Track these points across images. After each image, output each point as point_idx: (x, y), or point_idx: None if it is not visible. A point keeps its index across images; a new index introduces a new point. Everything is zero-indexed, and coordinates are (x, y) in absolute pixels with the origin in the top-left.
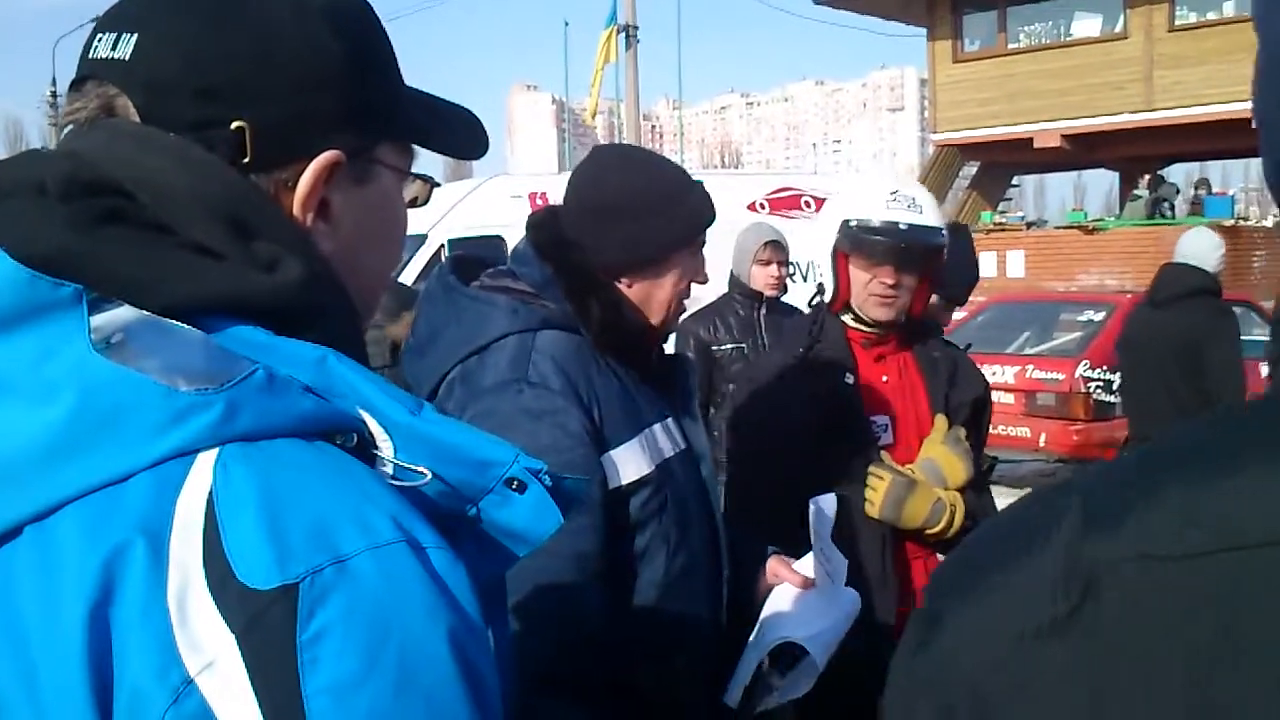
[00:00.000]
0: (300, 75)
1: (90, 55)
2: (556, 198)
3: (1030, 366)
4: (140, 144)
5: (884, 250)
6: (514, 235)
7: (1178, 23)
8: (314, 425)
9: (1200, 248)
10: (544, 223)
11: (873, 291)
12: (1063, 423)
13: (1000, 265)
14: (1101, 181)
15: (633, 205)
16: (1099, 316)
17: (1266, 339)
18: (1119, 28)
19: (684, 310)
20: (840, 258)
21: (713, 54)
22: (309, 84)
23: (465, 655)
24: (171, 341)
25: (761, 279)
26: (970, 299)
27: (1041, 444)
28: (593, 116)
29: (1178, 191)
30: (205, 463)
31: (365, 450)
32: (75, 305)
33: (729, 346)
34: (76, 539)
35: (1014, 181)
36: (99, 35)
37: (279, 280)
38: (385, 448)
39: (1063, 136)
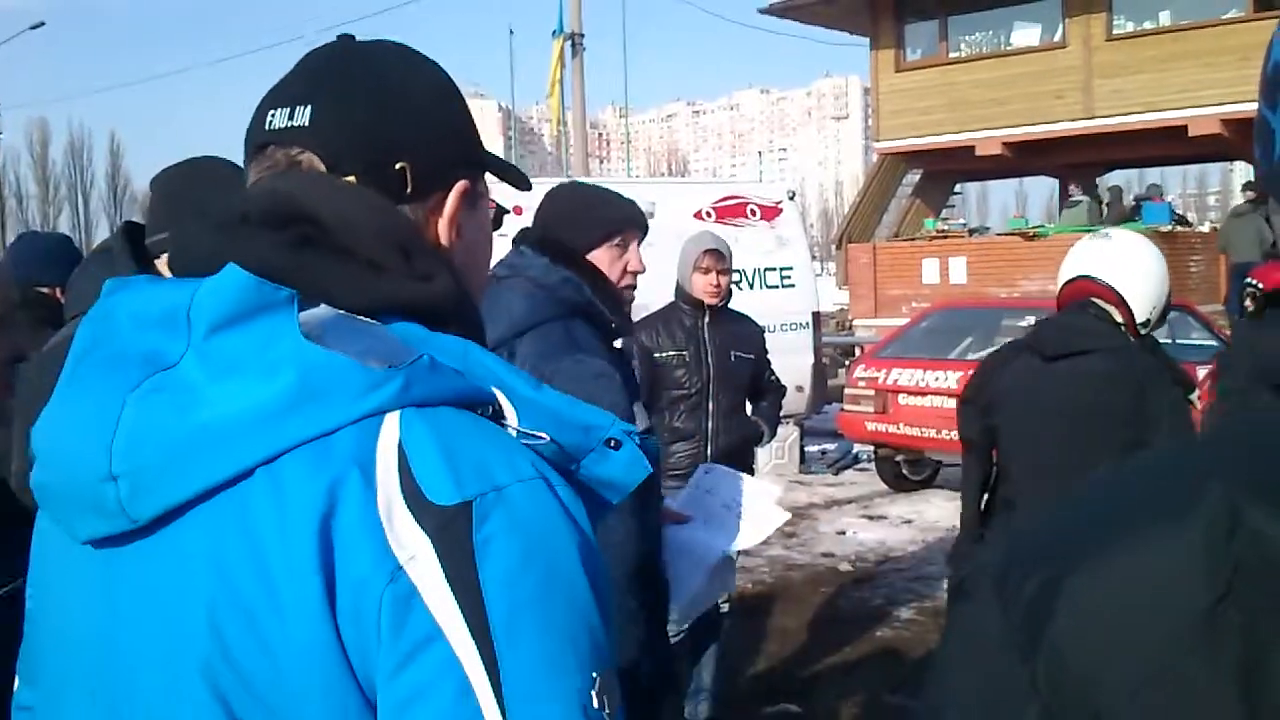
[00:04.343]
0: (439, 126)
1: (267, 127)
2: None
3: (974, 372)
4: (326, 186)
5: None
6: None
7: (1115, 32)
8: (463, 398)
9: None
10: (543, 238)
11: None
12: None
13: (943, 272)
14: (1043, 188)
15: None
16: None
17: (1204, 342)
18: (1058, 37)
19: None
20: None
21: (659, 62)
22: (444, 133)
23: (588, 562)
24: (360, 333)
25: (701, 287)
26: (912, 305)
27: None
28: (556, 127)
29: (1120, 196)
30: (392, 420)
31: (498, 419)
32: (289, 305)
33: (670, 353)
34: (303, 473)
35: (956, 189)
36: (271, 111)
37: (433, 289)
38: (511, 417)
39: (1004, 144)
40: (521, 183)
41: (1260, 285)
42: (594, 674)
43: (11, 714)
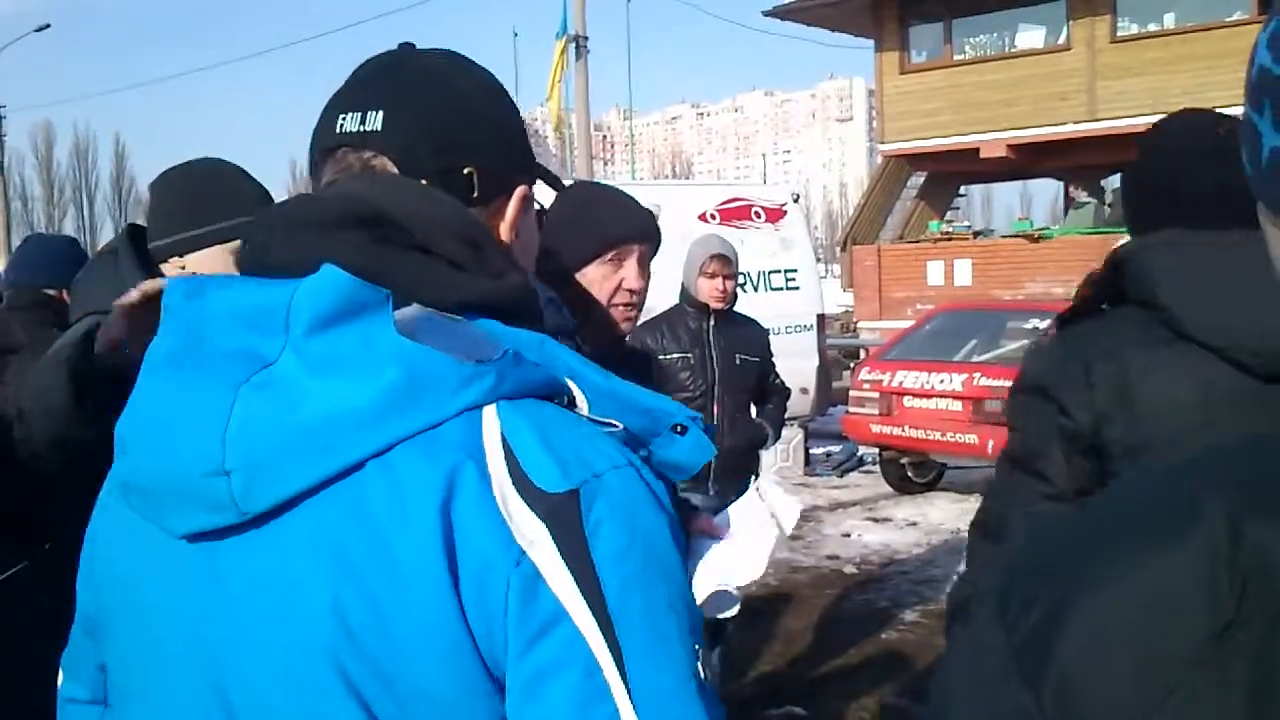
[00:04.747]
0: (502, 133)
1: (338, 130)
2: None
3: (978, 374)
4: (402, 188)
5: None
6: None
7: (1120, 34)
8: (545, 389)
9: None
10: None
11: None
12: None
13: (948, 274)
14: (1047, 190)
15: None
16: (1045, 324)
17: None
18: (1062, 39)
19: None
20: None
21: (663, 64)
22: (507, 139)
23: (676, 540)
24: (449, 330)
25: (707, 291)
26: (917, 307)
27: (990, 450)
28: (556, 130)
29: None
30: (490, 412)
31: (571, 407)
32: (385, 304)
33: (675, 355)
34: (417, 464)
35: (961, 191)
36: (341, 115)
37: (507, 286)
38: (583, 405)
39: (1008, 146)
40: (558, 185)
41: None
42: (695, 645)
43: (59, 707)
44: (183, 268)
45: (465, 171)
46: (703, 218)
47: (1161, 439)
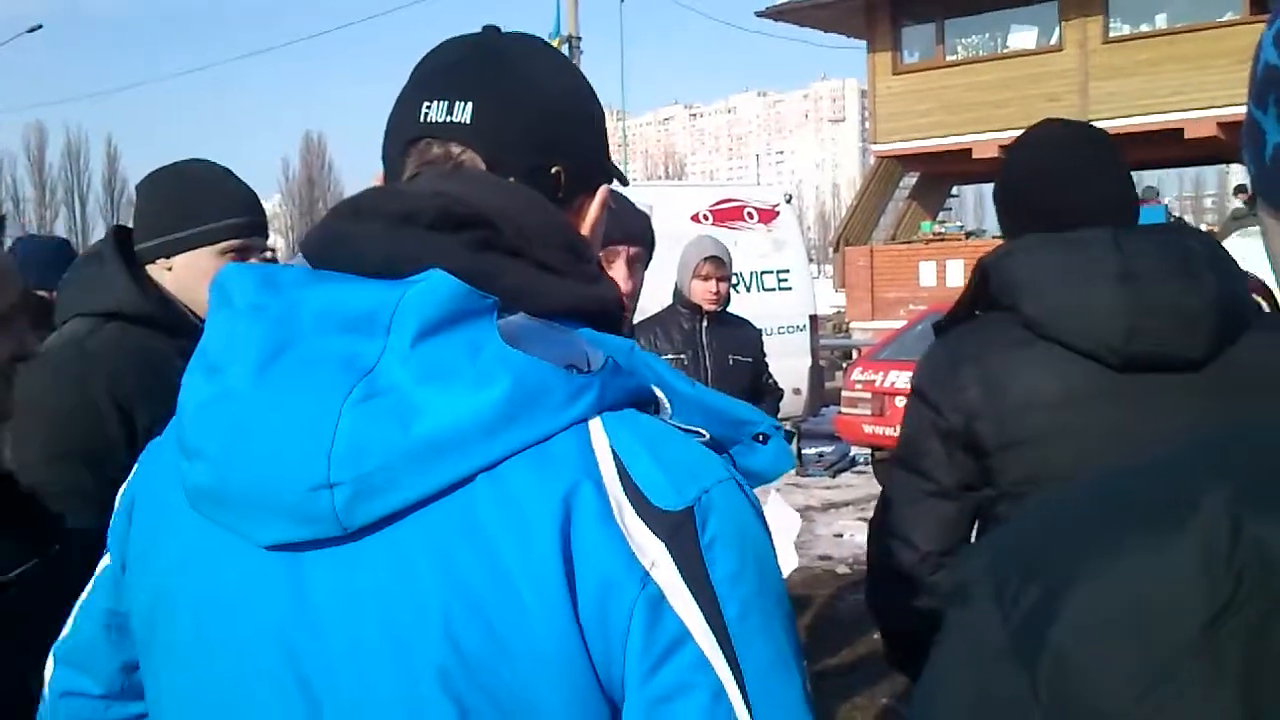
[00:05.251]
0: (588, 131)
1: (423, 120)
2: None
3: None
4: (495, 187)
5: None
6: None
7: (1112, 35)
8: (639, 397)
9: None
10: None
11: None
12: None
13: (940, 275)
14: None
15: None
16: None
17: None
18: (1054, 40)
19: None
20: None
21: (656, 65)
22: (593, 137)
23: (774, 552)
24: (552, 338)
25: (700, 293)
26: (909, 308)
27: None
28: None
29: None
30: (597, 426)
31: (658, 415)
32: (491, 312)
33: (669, 357)
34: (530, 478)
35: (953, 191)
36: (426, 104)
37: (602, 292)
38: (668, 412)
39: (1001, 147)
40: (625, 183)
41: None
42: (803, 663)
43: (49, 700)
44: (169, 269)
45: (554, 170)
46: (696, 218)
47: (1029, 433)
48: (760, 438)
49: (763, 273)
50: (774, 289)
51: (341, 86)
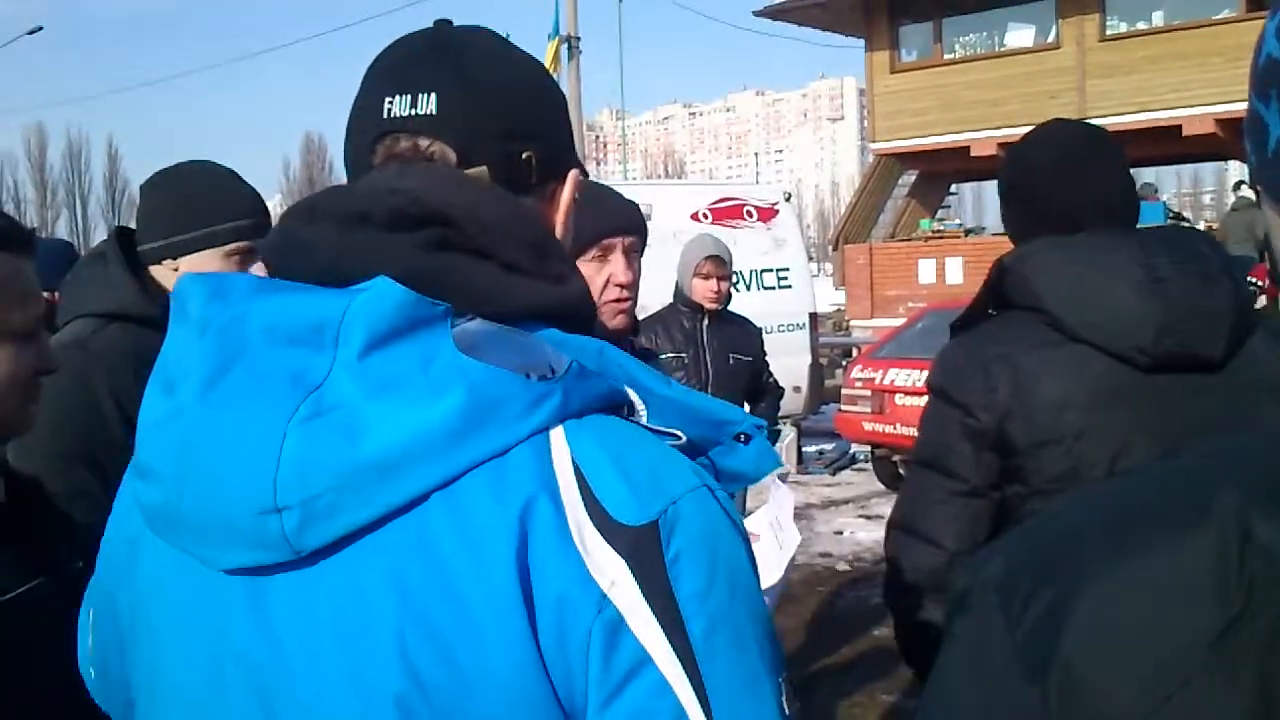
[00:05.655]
0: (554, 114)
1: (386, 115)
2: None
3: None
4: (456, 182)
5: None
6: None
7: (1109, 33)
8: (608, 401)
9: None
10: None
11: None
12: None
13: (939, 272)
14: None
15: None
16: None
17: None
18: (1052, 38)
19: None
20: None
21: (655, 65)
22: (558, 120)
23: (751, 561)
24: (512, 343)
25: (701, 292)
26: (909, 305)
27: None
28: None
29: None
30: (559, 435)
31: (631, 416)
32: (443, 319)
33: (669, 355)
34: (485, 495)
35: (952, 189)
36: (389, 99)
37: (569, 292)
38: (642, 414)
39: (999, 145)
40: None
41: (1260, 284)
42: (780, 679)
43: None
44: (175, 270)
45: (524, 156)
46: (695, 217)
47: (1062, 431)
48: (742, 437)
49: (762, 271)
50: (773, 287)
51: (341, 86)
